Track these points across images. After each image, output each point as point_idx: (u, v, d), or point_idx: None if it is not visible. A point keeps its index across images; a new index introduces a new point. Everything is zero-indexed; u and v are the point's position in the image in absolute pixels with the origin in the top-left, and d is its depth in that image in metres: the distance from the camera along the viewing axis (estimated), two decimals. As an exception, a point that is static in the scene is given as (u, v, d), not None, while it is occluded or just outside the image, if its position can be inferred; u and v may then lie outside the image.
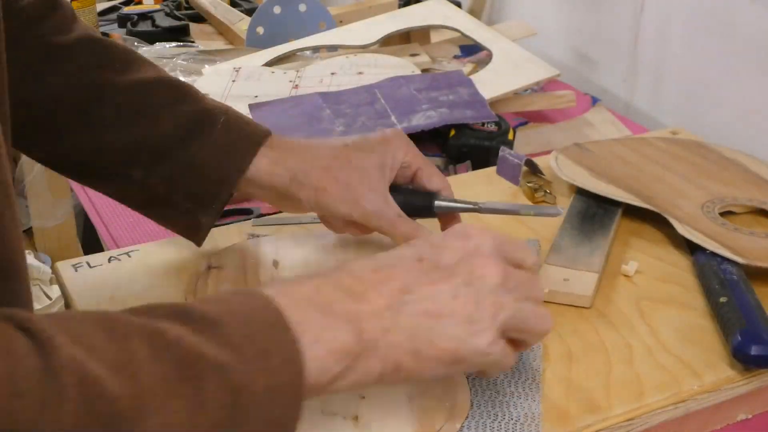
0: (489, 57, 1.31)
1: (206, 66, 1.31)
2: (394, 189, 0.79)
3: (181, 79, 1.26)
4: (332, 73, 1.24)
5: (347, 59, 1.29)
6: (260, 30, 1.42)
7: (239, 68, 1.27)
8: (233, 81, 1.23)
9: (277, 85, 1.22)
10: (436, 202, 0.79)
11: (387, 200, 0.77)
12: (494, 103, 1.18)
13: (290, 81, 1.23)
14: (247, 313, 0.53)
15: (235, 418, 0.49)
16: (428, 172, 0.80)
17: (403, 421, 0.63)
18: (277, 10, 1.42)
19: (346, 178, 0.77)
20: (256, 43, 1.40)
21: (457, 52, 1.46)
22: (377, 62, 1.28)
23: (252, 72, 1.26)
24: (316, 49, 1.38)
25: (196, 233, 0.81)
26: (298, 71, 1.26)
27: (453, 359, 0.58)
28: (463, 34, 1.38)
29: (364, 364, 0.56)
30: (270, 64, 1.32)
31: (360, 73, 1.24)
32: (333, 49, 1.38)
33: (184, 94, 0.80)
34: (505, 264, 0.61)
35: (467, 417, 0.64)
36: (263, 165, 0.78)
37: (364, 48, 1.34)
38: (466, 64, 1.37)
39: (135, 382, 0.46)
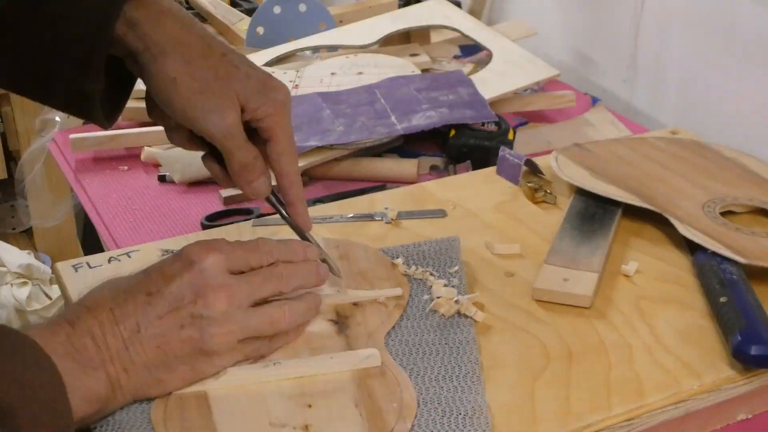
0: (489, 57, 1.31)
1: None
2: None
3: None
4: (332, 73, 1.24)
5: (347, 59, 1.29)
6: (260, 30, 1.41)
7: (239, 68, 1.27)
8: (233, 81, 1.23)
9: (277, 85, 1.22)
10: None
11: (239, 123, 0.69)
12: (494, 103, 1.18)
13: (290, 81, 1.23)
14: (34, 387, 0.57)
15: None
16: (280, 150, 0.72)
17: (354, 426, 0.63)
18: (277, 10, 1.42)
19: (204, 81, 0.68)
20: (256, 43, 1.40)
21: (457, 52, 1.46)
22: (377, 62, 1.28)
23: (252, 72, 1.26)
24: (316, 49, 1.38)
25: (88, 107, 0.70)
26: (298, 71, 1.26)
27: (193, 379, 0.65)
28: (463, 34, 1.38)
29: (113, 402, 0.63)
30: (270, 64, 1.32)
31: (360, 73, 1.24)
32: (333, 49, 1.38)
33: None
34: (232, 281, 0.66)
35: (416, 416, 0.64)
36: (119, 26, 0.67)
37: (364, 48, 1.34)
38: (466, 64, 1.37)
39: None
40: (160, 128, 0.96)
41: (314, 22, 1.42)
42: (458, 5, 1.52)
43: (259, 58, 1.32)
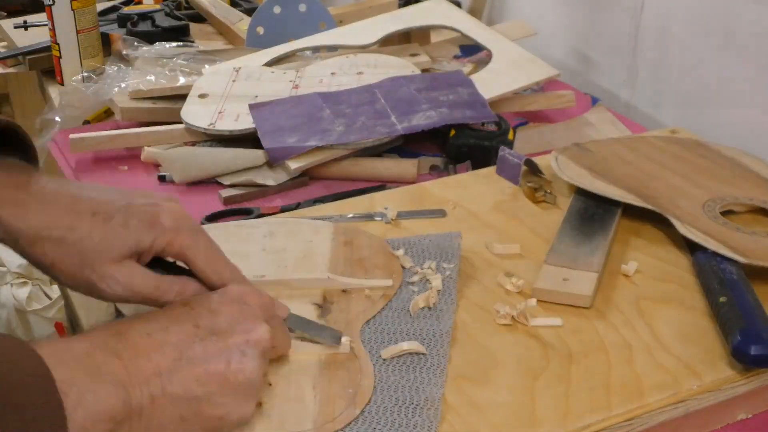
0: (489, 57, 1.31)
1: (206, 66, 1.31)
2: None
3: (182, 79, 1.28)
4: (332, 73, 1.24)
5: (347, 59, 1.29)
6: (260, 30, 1.42)
7: (239, 68, 1.27)
8: (233, 81, 1.23)
9: (277, 85, 1.22)
10: None
11: (136, 275, 0.65)
12: (494, 103, 1.18)
13: (290, 81, 1.23)
14: (15, 377, 0.51)
15: None
16: (200, 267, 0.66)
17: (305, 408, 0.64)
18: (277, 10, 1.42)
19: (80, 255, 0.64)
20: (256, 43, 1.40)
21: (457, 52, 1.46)
22: (377, 62, 1.28)
23: (252, 72, 1.26)
24: (316, 49, 1.38)
25: None
26: (298, 71, 1.26)
27: (218, 426, 0.60)
28: (463, 34, 1.38)
29: (127, 429, 0.56)
30: (270, 64, 1.32)
31: (360, 73, 1.24)
32: (333, 49, 1.38)
33: None
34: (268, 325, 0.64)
35: (369, 402, 0.65)
36: None
37: (364, 48, 1.34)
38: (466, 64, 1.37)
39: None
40: (161, 128, 0.96)
41: (314, 22, 1.42)
42: (458, 5, 1.52)
43: (259, 58, 1.32)
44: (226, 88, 1.21)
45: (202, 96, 1.20)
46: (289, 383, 0.66)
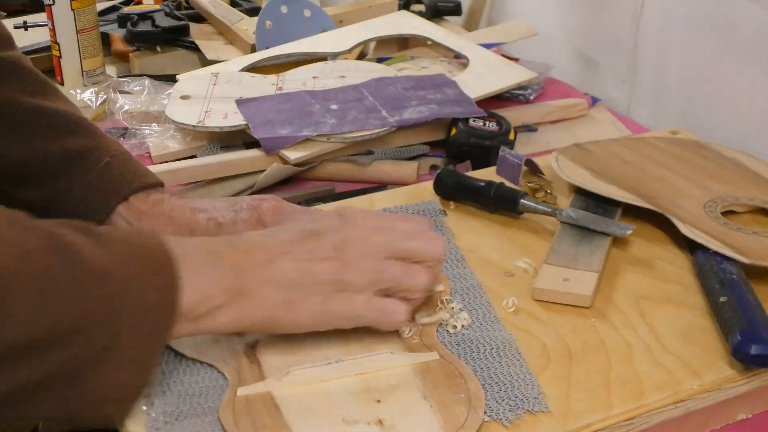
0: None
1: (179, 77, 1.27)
2: (489, 184, 0.90)
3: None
4: (314, 77, 1.23)
5: (327, 65, 1.28)
6: (269, 24, 1.40)
7: (217, 73, 1.25)
8: (213, 85, 1.21)
9: (260, 87, 1.20)
10: (522, 201, 0.88)
11: None
12: (514, 114, 1.18)
13: (272, 84, 1.22)
14: (138, 242, 0.61)
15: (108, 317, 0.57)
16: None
17: (427, 418, 0.63)
18: (284, 9, 1.41)
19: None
20: (266, 41, 1.39)
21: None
22: (357, 67, 1.27)
23: (232, 76, 1.24)
24: (289, 57, 1.36)
25: None
26: (278, 75, 1.25)
27: (324, 311, 0.66)
28: (435, 42, 1.37)
29: (240, 303, 0.64)
30: (247, 69, 1.30)
31: (342, 76, 1.24)
32: (310, 56, 1.37)
33: (81, 129, 0.84)
34: (382, 234, 0.70)
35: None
36: (121, 225, 0.81)
37: (336, 56, 1.33)
38: (452, 63, 1.37)
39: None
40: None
41: (316, 27, 1.42)
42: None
43: (234, 64, 1.30)
44: (208, 90, 1.20)
45: (184, 97, 1.18)
46: (397, 397, 0.65)
